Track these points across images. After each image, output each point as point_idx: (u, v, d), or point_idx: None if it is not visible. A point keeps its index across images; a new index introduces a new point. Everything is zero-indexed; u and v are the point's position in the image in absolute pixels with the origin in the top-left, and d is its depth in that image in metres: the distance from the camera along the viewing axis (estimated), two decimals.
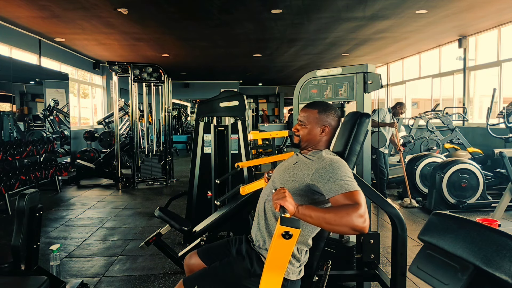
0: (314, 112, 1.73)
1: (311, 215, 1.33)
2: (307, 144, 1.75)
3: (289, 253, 1.23)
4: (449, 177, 4.86)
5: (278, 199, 1.31)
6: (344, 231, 1.32)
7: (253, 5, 5.42)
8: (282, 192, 1.33)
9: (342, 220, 1.30)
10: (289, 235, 1.17)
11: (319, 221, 1.33)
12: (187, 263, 1.90)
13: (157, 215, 2.92)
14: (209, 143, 4.00)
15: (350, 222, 1.29)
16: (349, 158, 1.71)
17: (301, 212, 1.33)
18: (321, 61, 10.50)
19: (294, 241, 1.18)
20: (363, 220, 1.30)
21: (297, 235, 1.18)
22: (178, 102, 16.41)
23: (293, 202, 1.32)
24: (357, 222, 1.29)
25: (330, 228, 1.34)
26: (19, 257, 2.25)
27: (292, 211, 1.30)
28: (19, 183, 4.90)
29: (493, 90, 5.32)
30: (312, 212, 1.34)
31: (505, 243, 1.10)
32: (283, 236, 1.17)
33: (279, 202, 1.30)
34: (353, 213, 1.31)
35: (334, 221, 1.31)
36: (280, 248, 1.21)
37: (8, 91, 5.18)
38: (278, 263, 1.27)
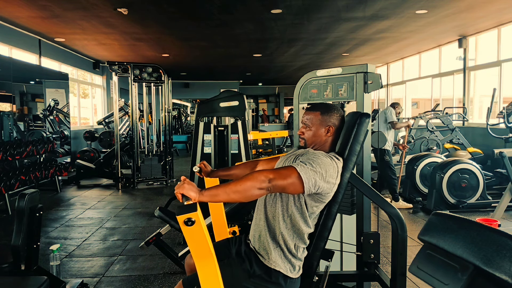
0: (317, 114, 1.75)
1: (217, 193, 1.35)
2: (313, 146, 1.77)
3: (203, 237, 1.22)
4: (449, 177, 4.86)
5: (177, 188, 1.32)
6: (251, 193, 1.37)
7: (253, 5, 5.42)
8: (181, 181, 1.34)
9: (247, 182, 1.36)
10: (192, 221, 1.17)
11: (227, 194, 1.36)
12: (188, 262, 1.90)
13: (157, 215, 2.93)
14: (209, 143, 4.00)
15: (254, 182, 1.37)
16: (349, 158, 1.71)
17: (206, 194, 1.34)
18: (321, 61, 10.50)
19: (199, 224, 1.18)
20: (265, 179, 1.38)
21: (199, 217, 1.18)
22: (178, 102, 16.41)
23: (195, 188, 1.32)
24: (260, 181, 1.37)
25: (240, 197, 1.38)
26: (19, 257, 2.26)
27: (195, 197, 1.31)
28: (19, 183, 4.90)
29: (493, 90, 5.32)
30: (217, 189, 1.36)
31: (505, 243, 1.10)
32: (185, 224, 1.17)
33: (179, 191, 1.31)
34: (257, 174, 1.39)
35: (240, 187, 1.36)
36: (191, 236, 1.21)
37: (8, 91, 5.19)
38: (201, 251, 1.26)
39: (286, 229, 1.60)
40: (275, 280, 1.58)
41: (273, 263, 1.58)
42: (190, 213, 1.18)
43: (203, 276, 1.31)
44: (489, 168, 6.10)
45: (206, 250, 1.26)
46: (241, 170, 2.01)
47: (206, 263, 1.29)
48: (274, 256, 1.59)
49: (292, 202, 1.59)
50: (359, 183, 1.92)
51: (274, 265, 1.58)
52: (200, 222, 1.18)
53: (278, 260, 1.58)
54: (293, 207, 1.59)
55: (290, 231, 1.60)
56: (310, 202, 1.58)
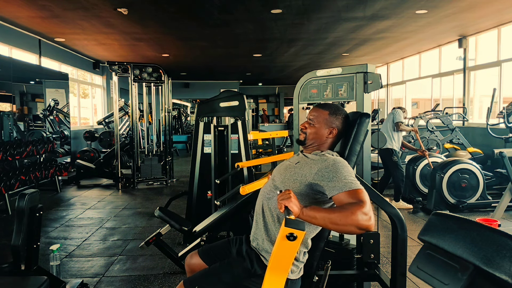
0: (325, 113, 1.74)
1: (315, 216, 1.33)
2: (312, 143, 1.75)
3: (293, 255, 1.23)
4: (449, 177, 4.85)
5: (283, 199, 1.31)
6: (350, 230, 1.32)
7: (253, 5, 5.42)
8: (287, 193, 1.32)
9: (348, 219, 1.30)
10: (294, 237, 1.16)
11: (324, 221, 1.33)
12: (188, 263, 1.90)
13: (157, 215, 2.92)
14: (209, 143, 4.00)
15: (355, 220, 1.29)
16: (349, 158, 1.71)
17: (306, 213, 1.33)
18: (321, 61, 10.50)
19: (298, 243, 1.18)
20: (368, 218, 1.30)
21: (301, 237, 1.17)
22: (178, 102, 16.41)
23: (298, 203, 1.32)
24: (362, 221, 1.29)
25: (335, 228, 1.34)
26: (19, 257, 2.25)
27: (297, 213, 1.30)
28: (19, 183, 4.90)
29: (493, 90, 5.32)
30: (317, 213, 1.33)
31: (505, 243, 1.10)
32: (287, 237, 1.17)
33: (284, 203, 1.29)
34: (358, 211, 1.30)
35: (340, 221, 1.30)
36: (284, 249, 1.21)
37: (8, 91, 5.18)
38: (281, 265, 1.27)
39: None
40: None
41: None
42: (298, 230, 1.16)
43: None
44: (489, 168, 6.10)
45: (287, 267, 1.27)
46: None
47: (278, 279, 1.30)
48: None
49: None
50: None
51: None
52: (299, 241, 1.18)
53: None
54: None
55: None
56: (315, 204, 1.57)
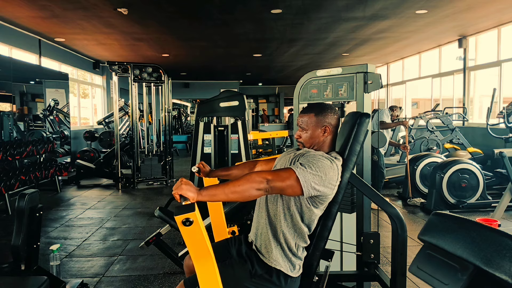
0: (311, 115, 1.73)
1: (215, 193, 1.36)
2: (312, 147, 1.76)
3: (201, 237, 1.22)
4: (449, 177, 4.85)
5: (175, 189, 1.32)
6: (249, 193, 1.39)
7: (253, 5, 5.42)
8: (179, 182, 1.34)
9: (245, 182, 1.38)
10: (190, 221, 1.17)
11: (225, 193, 1.36)
12: (187, 264, 1.90)
13: (157, 215, 2.93)
14: (209, 143, 4.00)
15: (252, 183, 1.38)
16: (349, 158, 1.71)
17: (205, 193, 1.34)
18: (321, 61, 10.50)
19: (197, 224, 1.18)
20: (264, 180, 1.40)
21: (197, 217, 1.18)
22: (178, 102, 16.41)
23: (193, 188, 1.32)
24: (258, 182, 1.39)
25: (238, 196, 1.39)
26: (19, 257, 2.25)
27: (193, 197, 1.31)
28: (19, 183, 4.90)
29: (493, 90, 5.32)
30: (215, 189, 1.37)
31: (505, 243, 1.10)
32: (184, 224, 1.17)
33: (177, 192, 1.31)
34: (255, 174, 1.41)
35: (239, 187, 1.37)
36: (190, 236, 1.21)
37: (8, 91, 5.18)
38: (199, 252, 1.26)
39: (287, 227, 1.60)
40: (276, 279, 1.58)
41: (274, 261, 1.59)
42: (188, 213, 1.18)
43: (202, 276, 1.31)
44: (489, 168, 6.10)
45: (205, 250, 1.26)
46: (240, 170, 2.01)
47: (204, 263, 1.29)
48: (275, 255, 1.59)
49: (292, 202, 1.59)
50: (359, 183, 1.92)
51: (275, 263, 1.58)
52: (198, 222, 1.18)
53: (279, 259, 1.59)
54: (293, 207, 1.59)
55: (291, 229, 1.60)
56: (311, 203, 1.58)
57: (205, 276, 1.31)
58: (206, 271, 1.30)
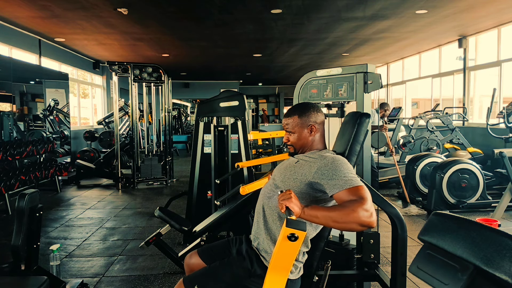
0: (294, 118, 1.73)
1: (317, 215, 1.33)
2: (302, 149, 1.75)
3: (294, 255, 1.23)
4: (449, 177, 4.85)
5: (284, 199, 1.30)
6: (351, 227, 1.32)
7: (253, 5, 5.42)
8: (288, 193, 1.32)
9: (349, 217, 1.30)
10: (295, 237, 1.16)
11: (326, 220, 1.33)
12: (187, 262, 1.90)
13: (157, 215, 2.92)
14: (209, 143, 4.00)
15: (357, 218, 1.29)
16: (349, 158, 1.71)
17: (307, 213, 1.33)
18: (321, 61, 10.50)
19: (299, 243, 1.18)
20: (369, 215, 1.30)
21: (303, 237, 1.17)
22: (178, 102, 16.41)
23: (299, 203, 1.32)
24: (363, 217, 1.29)
25: (337, 226, 1.34)
26: (19, 257, 2.25)
27: (298, 213, 1.30)
28: (19, 183, 4.90)
29: (493, 90, 5.32)
30: (318, 212, 1.33)
31: (505, 243, 1.10)
32: (288, 238, 1.17)
33: (285, 203, 1.29)
34: (359, 209, 1.30)
35: (341, 219, 1.31)
36: (285, 250, 1.21)
37: (8, 91, 5.18)
38: (282, 265, 1.27)
39: None
40: None
41: None
42: (300, 230, 1.17)
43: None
44: (489, 168, 6.10)
45: (288, 267, 1.28)
46: None
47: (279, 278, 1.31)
48: None
49: None
50: None
51: None
52: (301, 242, 1.18)
53: None
54: None
55: None
56: (315, 203, 1.57)
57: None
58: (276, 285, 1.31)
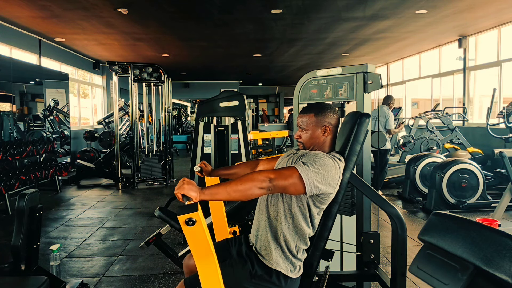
0: (311, 115, 1.73)
1: (218, 191, 1.36)
2: (311, 148, 1.75)
3: (203, 236, 1.22)
4: (449, 177, 4.85)
5: (177, 189, 1.31)
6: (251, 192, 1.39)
7: (253, 5, 5.42)
8: (181, 182, 1.34)
9: (247, 181, 1.39)
10: (193, 221, 1.18)
11: (227, 192, 1.37)
12: (186, 263, 1.89)
13: (157, 215, 2.92)
14: (209, 143, 4.00)
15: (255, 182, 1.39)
16: (349, 158, 1.71)
17: (207, 192, 1.35)
18: (321, 61, 10.50)
19: (200, 224, 1.19)
20: (266, 179, 1.40)
21: (200, 217, 1.18)
22: (178, 102, 16.41)
23: (195, 187, 1.32)
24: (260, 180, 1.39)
25: (240, 195, 1.39)
26: (19, 257, 2.25)
27: (196, 197, 1.31)
28: (19, 183, 4.90)
29: (493, 90, 5.32)
30: (218, 188, 1.37)
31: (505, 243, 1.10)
32: (187, 224, 1.18)
33: (179, 192, 1.30)
34: (258, 173, 1.41)
35: (241, 186, 1.37)
36: (192, 236, 1.21)
37: (8, 91, 5.18)
38: (202, 251, 1.26)
39: (288, 229, 1.59)
40: (276, 280, 1.58)
41: (274, 263, 1.58)
42: (191, 213, 1.18)
43: (204, 276, 1.31)
44: (489, 168, 6.10)
45: (207, 250, 1.27)
46: (241, 169, 2.01)
47: (207, 263, 1.29)
48: (275, 256, 1.59)
49: (295, 202, 1.58)
50: (359, 183, 1.91)
51: (275, 265, 1.58)
52: (201, 222, 1.19)
53: (279, 260, 1.58)
54: (295, 207, 1.58)
55: (292, 231, 1.60)
56: (313, 203, 1.58)
57: (207, 276, 1.31)
58: (208, 271, 1.30)
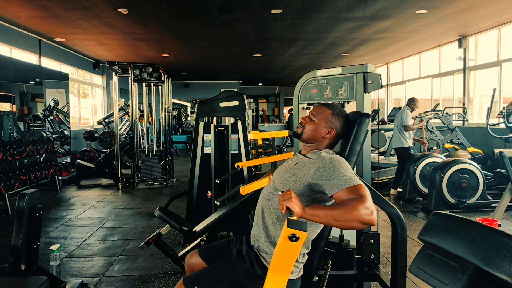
0: (328, 112, 1.74)
1: (318, 214, 1.33)
2: (308, 139, 1.74)
3: (294, 255, 1.22)
4: (449, 177, 4.85)
5: (284, 200, 1.30)
6: (352, 225, 1.32)
7: (253, 5, 5.42)
8: (288, 194, 1.32)
9: (350, 215, 1.30)
10: (296, 238, 1.16)
11: (327, 219, 1.33)
12: (187, 262, 1.90)
13: (157, 215, 2.92)
14: (209, 143, 3.99)
15: (358, 215, 1.29)
16: (349, 158, 1.71)
17: (308, 212, 1.32)
18: (321, 61, 10.50)
19: (300, 243, 1.18)
20: (369, 212, 1.30)
21: (304, 237, 1.17)
22: (178, 102, 16.41)
23: (299, 203, 1.32)
24: (364, 215, 1.29)
25: (338, 225, 1.34)
26: (19, 257, 2.25)
27: (299, 213, 1.30)
28: (19, 183, 4.90)
29: (493, 90, 5.32)
30: (319, 211, 1.33)
31: (505, 243, 1.10)
32: (289, 238, 1.17)
33: (285, 204, 1.29)
34: (359, 206, 1.30)
35: (342, 217, 1.31)
36: (286, 250, 1.21)
37: (8, 91, 5.18)
38: (283, 265, 1.26)
39: None
40: None
41: None
42: (300, 231, 1.17)
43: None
44: (489, 168, 6.10)
45: (288, 268, 1.28)
46: None
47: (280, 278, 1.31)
48: None
49: None
50: None
51: None
52: (302, 242, 1.18)
53: None
54: None
55: None
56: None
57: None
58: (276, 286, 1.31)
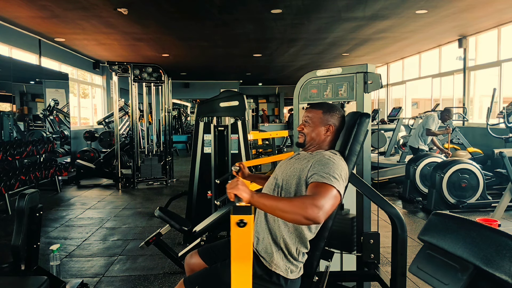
0: (318, 112, 1.76)
1: (265, 203, 1.34)
2: (311, 143, 1.76)
3: (248, 241, 1.22)
4: (449, 177, 4.85)
5: (231, 188, 1.30)
6: (297, 219, 1.32)
7: (253, 5, 5.42)
8: (235, 181, 1.33)
9: (296, 208, 1.30)
10: (244, 223, 1.17)
11: (272, 209, 1.33)
12: (187, 262, 1.90)
13: (157, 215, 2.92)
14: (209, 143, 4.00)
15: (303, 211, 1.30)
16: (349, 158, 1.71)
17: (256, 199, 1.33)
18: (321, 61, 10.50)
19: (250, 228, 1.18)
20: (317, 211, 1.30)
21: (251, 221, 1.18)
22: (178, 102, 16.40)
23: (248, 190, 1.31)
24: (309, 212, 1.29)
25: (283, 216, 1.34)
26: (19, 257, 2.25)
27: (247, 199, 1.29)
28: (19, 183, 4.90)
29: (493, 90, 5.32)
30: (267, 200, 1.34)
31: (505, 243, 1.10)
32: (238, 225, 1.18)
33: (232, 192, 1.29)
34: (307, 202, 1.32)
35: (288, 209, 1.31)
36: (239, 237, 1.22)
37: (8, 91, 5.18)
38: (242, 254, 1.26)
39: (288, 233, 1.59)
40: (276, 281, 1.58)
41: (275, 265, 1.58)
42: (245, 215, 1.18)
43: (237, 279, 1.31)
44: (489, 168, 6.10)
45: (248, 254, 1.28)
46: None
47: (243, 267, 1.30)
48: (275, 259, 1.58)
49: None
50: (359, 183, 1.92)
51: (275, 267, 1.58)
52: (251, 226, 1.19)
53: (280, 263, 1.58)
54: None
55: (293, 235, 1.59)
56: None
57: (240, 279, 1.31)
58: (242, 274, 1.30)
